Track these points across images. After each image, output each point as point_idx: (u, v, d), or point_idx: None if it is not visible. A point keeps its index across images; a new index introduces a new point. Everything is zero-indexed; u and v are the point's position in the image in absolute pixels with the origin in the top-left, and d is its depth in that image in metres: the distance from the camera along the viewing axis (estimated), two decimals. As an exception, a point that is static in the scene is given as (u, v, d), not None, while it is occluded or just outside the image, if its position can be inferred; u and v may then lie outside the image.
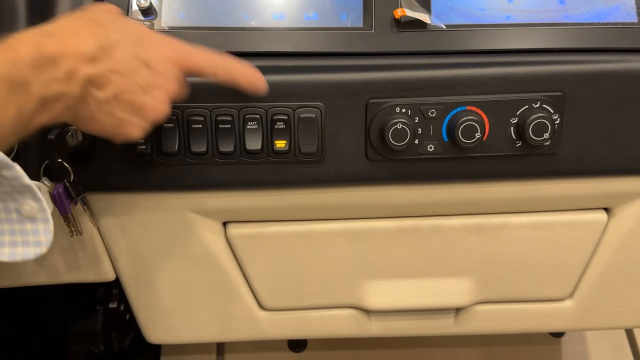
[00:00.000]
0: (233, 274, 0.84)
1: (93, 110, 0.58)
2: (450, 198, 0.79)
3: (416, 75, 0.72)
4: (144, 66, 0.60)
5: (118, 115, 0.60)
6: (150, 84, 0.60)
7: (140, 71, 0.59)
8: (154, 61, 0.60)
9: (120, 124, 0.61)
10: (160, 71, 0.61)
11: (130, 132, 0.62)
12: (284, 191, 0.77)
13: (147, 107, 0.61)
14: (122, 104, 0.59)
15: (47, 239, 0.57)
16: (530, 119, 0.71)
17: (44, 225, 0.56)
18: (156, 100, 0.61)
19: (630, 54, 0.73)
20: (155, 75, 0.61)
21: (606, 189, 0.79)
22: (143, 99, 0.60)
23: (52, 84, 0.53)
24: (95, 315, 1.14)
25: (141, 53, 0.60)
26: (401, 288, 0.86)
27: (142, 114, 0.61)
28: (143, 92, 0.60)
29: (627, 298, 0.88)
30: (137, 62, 0.59)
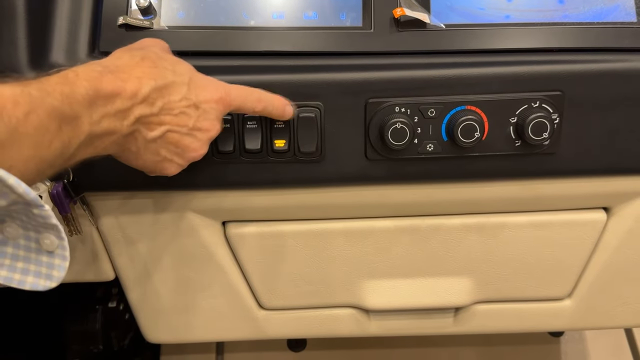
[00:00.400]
0: (232, 273, 0.84)
1: (140, 147, 0.59)
2: (450, 197, 0.79)
3: (415, 75, 0.72)
4: (194, 108, 0.60)
5: (162, 154, 0.61)
6: (197, 126, 0.61)
7: (190, 113, 0.60)
8: (203, 103, 0.61)
9: (161, 162, 0.62)
10: (208, 113, 0.62)
11: (169, 169, 0.63)
12: (283, 191, 0.77)
13: (190, 149, 0.62)
14: (168, 143, 0.60)
15: (59, 274, 0.57)
16: (530, 119, 0.71)
17: (60, 261, 0.56)
18: (199, 142, 0.62)
19: (630, 54, 0.73)
20: (202, 117, 0.61)
21: (605, 189, 0.79)
22: (188, 141, 0.61)
23: (104, 121, 0.53)
24: (95, 314, 1.14)
25: (192, 95, 0.60)
26: (400, 287, 0.86)
27: (184, 155, 0.62)
28: (188, 133, 0.61)
29: (626, 297, 0.88)
30: (187, 104, 0.60)
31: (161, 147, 0.60)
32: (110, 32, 0.73)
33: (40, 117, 0.47)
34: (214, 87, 0.63)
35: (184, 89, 0.60)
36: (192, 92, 0.60)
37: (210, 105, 0.62)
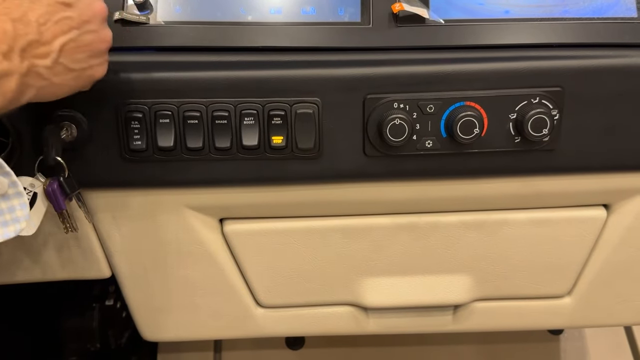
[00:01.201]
0: (230, 271, 0.84)
1: (48, 77, 0.57)
2: (449, 194, 0.78)
3: (414, 71, 0.71)
4: (66, 8, 0.57)
5: (74, 67, 0.58)
6: (82, 20, 0.58)
7: (65, 14, 0.57)
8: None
9: (81, 74, 0.59)
10: (82, 2, 0.58)
11: (95, 74, 0.61)
12: (280, 187, 0.77)
13: (94, 44, 0.59)
14: (71, 55, 0.57)
15: (24, 213, 0.56)
16: (529, 115, 0.70)
17: (18, 199, 0.55)
18: (96, 32, 0.59)
19: (630, 49, 0.73)
20: (80, 9, 0.58)
21: (605, 185, 0.78)
22: (86, 39, 0.58)
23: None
24: (92, 312, 1.13)
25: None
26: (399, 285, 0.85)
27: (94, 52, 0.60)
28: (81, 32, 0.58)
29: (626, 295, 0.88)
30: (57, 9, 0.57)
31: (68, 63, 0.58)
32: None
33: None
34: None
35: (44, 0, 0.56)
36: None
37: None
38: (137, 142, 0.71)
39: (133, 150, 0.71)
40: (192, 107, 0.70)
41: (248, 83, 0.71)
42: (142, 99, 0.70)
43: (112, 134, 0.71)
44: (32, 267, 0.82)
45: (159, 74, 0.70)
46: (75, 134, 0.70)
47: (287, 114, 0.71)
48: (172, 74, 0.70)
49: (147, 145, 0.71)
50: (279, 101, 0.71)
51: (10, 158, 0.70)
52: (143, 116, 0.70)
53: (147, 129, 0.71)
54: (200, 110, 0.71)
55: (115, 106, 0.70)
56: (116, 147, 0.72)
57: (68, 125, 0.70)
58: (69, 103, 0.69)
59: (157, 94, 0.70)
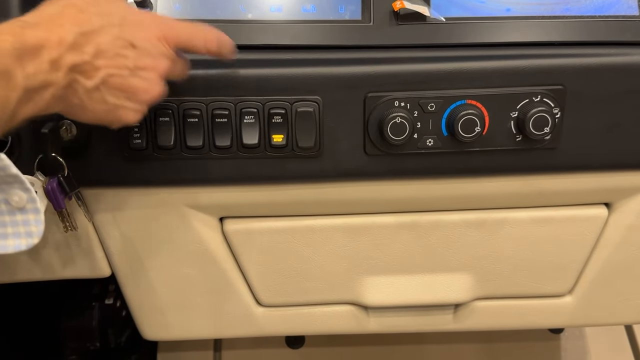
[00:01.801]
0: (230, 269, 0.83)
1: (83, 98, 0.57)
2: (450, 193, 0.78)
3: (415, 69, 0.71)
4: (130, 47, 0.58)
5: (110, 101, 0.58)
6: (139, 65, 0.59)
7: (126, 53, 0.58)
8: (140, 41, 0.59)
9: (113, 110, 0.59)
10: (147, 51, 0.59)
11: (125, 117, 0.61)
12: (281, 186, 0.77)
13: (138, 90, 0.59)
14: (112, 89, 0.58)
15: (38, 229, 0.56)
16: (531, 113, 0.70)
17: (34, 215, 0.55)
18: (147, 81, 0.60)
19: (632, 47, 0.73)
20: (142, 55, 0.59)
21: (607, 184, 0.78)
22: (133, 82, 0.59)
23: (36, 73, 0.52)
24: (91, 311, 1.13)
25: (125, 34, 0.58)
26: (400, 284, 0.85)
27: (135, 97, 0.60)
28: (132, 74, 0.58)
29: (627, 294, 0.87)
30: (121, 45, 0.57)
31: (106, 95, 0.58)
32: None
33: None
34: (152, 23, 0.60)
35: (115, 30, 0.57)
36: (125, 32, 0.58)
37: (149, 42, 0.59)
38: (136, 140, 0.71)
39: (133, 148, 0.71)
40: (192, 106, 0.70)
41: (248, 81, 0.70)
42: (142, 97, 0.70)
43: (111, 133, 0.70)
44: (32, 266, 0.82)
45: (159, 72, 0.70)
46: (75, 133, 0.70)
47: (287, 112, 0.71)
48: (172, 72, 0.70)
49: (146, 144, 0.71)
50: (279, 99, 0.71)
51: (10, 156, 0.70)
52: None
53: (147, 127, 0.70)
54: (200, 108, 0.70)
55: (115, 104, 0.70)
56: (116, 146, 0.72)
57: (67, 123, 0.70)
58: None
59: (157, 92, 0.70)
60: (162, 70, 0.61)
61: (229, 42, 0.67)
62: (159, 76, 0.61)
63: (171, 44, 0.61)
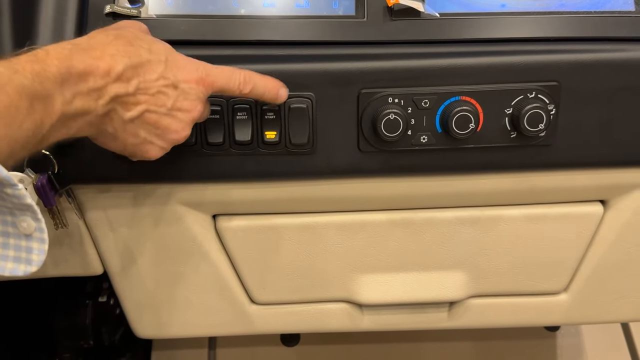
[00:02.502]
0: (223, 267, 0.83)
1: (117, 129, 0.58)
2: (444, 190, 0.78)
3: (409, 65, 0.71)
4: (172, 87, 0.59)
5: (141, 135, 0.59)
6: (176, 106, 0.60)
7: (168, 92, 0.59)
8: (182, 83, 0.60)
9: (141, 144, 0.60)
10: (187, 93, 0.60)
11: (150, 152, 0.62)
12: (274, 183, 0.76)
13: (170, 130, 0.60)
14: (147, 124, 0.59)
15: (39, 258, 0.56)
16: (525, 110, 0.70)
17: (38, 244, 0.55)
18: (180, 122, 0.61)
19: (628, 43, 0.72)
20: (182, 97, 0.60)
21: (602, 181, 0.78)
22: (168, 121, 0.60)
23: (77, 100, 0.52)
24: (85, 309, 1.13)
25: (169, 74, 0.59)
26: (394, 282, 0.85)
27: (165, 136, 0.61)
28: (168, 114, 0.59)
29: (623, 292, 0.87)
30: (165, 83, 0.58)
31: (140, 128, 0.59)
32: (97, 21, 0.71)
33: (9, 95, 0.46)
34: (193, 67, 0.61)
35: (161, 68, 0.58)
36: (169, 71, 0.59)
37: (189, 85, 0.60)
38: (128, 137, 0.70)
39: (124, 145, 0.71)
40: (184, 102, 0.70)
41: (241, 77, 0.70)
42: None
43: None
44: (22, 263, 0.81)
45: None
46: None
47: (280, 109, 0.70)
48: (164, 68, 0.69)
49: (138, 141, 0.70)
50: (272, 96, 0.70)
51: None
52: (134, 111, 0.69)
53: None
54: (192, 104, 0.70)
55: (106, 101, 0.69)
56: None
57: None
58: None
59: (148, 89, 0.69)
60: (196, 115, 0.62)
61: (274, 87, 0.67)
62: (192, 119, 0.62)
63: (208, 88, 0.62)
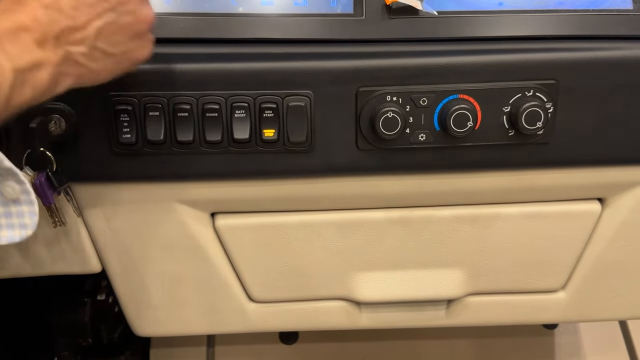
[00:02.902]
0: (221, 265, 0.83)
1: (87, 64, 0.55)
2: (442, 188, 0.78)
3: (407, 63, 0.71)
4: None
5: (114, 51, 0.57)
6: (118, 1, 0.56)
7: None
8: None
9: (122, 57, 0.58)
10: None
11: (138, 56, 0.59)
12: (272, 181, 0.76)
13: (133, 25, 0.57)
14: (109, 38, 0.56)
15: (32, 221, 0.55)
16: (523, 108, 0.70)
17: (28, 207, 0.55)
18: (135, 11, 0.57)
19: (625, 41, 0.73)
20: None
21: (600, 179, 0.78)
22: (123, 21, 0.56)
23: (22, 54, 0.50)
24: (83, 307, 1.12)
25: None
26: (392, 279, 0.85)
27: (135, 34, 0.58)
28: (118, 15, 0.56)
29: (620, 290, 0.87)
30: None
31: (107, 48, 0.56)
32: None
33: None
34: None
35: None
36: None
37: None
38: (126, 135, 0.70)
39: (122, 143, 0.71)
40: (182, 100, 0.70)
41: (239, 75, 0.70)
42: (132, 91, 0.69)
43: (101, 127, 0.71)
44: (21, 261, 0.82)
45: (149, 66, 0.69)
46: (64, 127, 0.69)
47: (278, 107, 0.70)
48: (162, 66, 0.70)
49: (136, 139, 0.71)
50: (270, 94, 0.70)
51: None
52: (132, 109, 0.69)
53: (137, 122, 0.70)
54: (191, 103, 0.70)
55: (104, 99, 0.69)
56: (105, 141, 0.71)
57: (56, 118, 0.69)
58: (58, 96, 0.68)
59: (146, 87, 0.69)
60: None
61: None
62: (141, 0, 0.59)
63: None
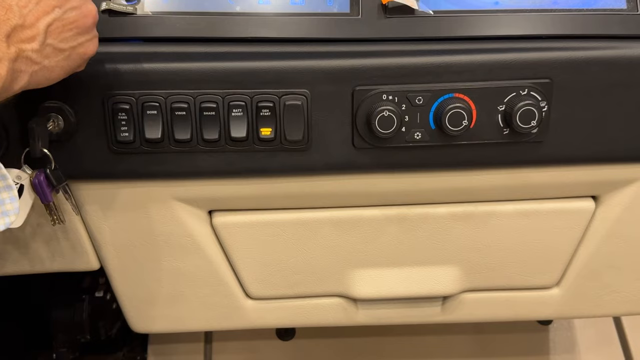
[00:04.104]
0: (219, 262, 0.84)
1: (39, 61, 0.56)
2: (437, 186, 0.78)
3: (403, 62, 0.71)
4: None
5: (64, 47, 0.58)
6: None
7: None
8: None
9: (71, 53, 0.59)
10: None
11: (86, 52, 0.60)
12: (269, 179, 0.77)
13: (79, 20, 0.58)
14: (58, 35, 0.57)
15: (13, 206, 0.55)
16: (518, 107, 0.70)
17: (8, 193, 0.54)
18: (79, 7, 0.58)
19: (619, 41, 0.73)
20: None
21: (594, 177, 0.79)
22: (69, 16, 0.58)
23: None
24: (82, 304, 1.13)
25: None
26: (388, 276, 0.85)
27: (81, 29, 0.59)
28: (64, 10, 0.57)
29: (614, 286, 0.88)
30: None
31: (57, 44, 0.57)
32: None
33: None
34: None
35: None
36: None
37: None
38: (124, 133, 0.71)
39: (120, 142, 0.71)
40: (179, 99, 0.70)
41: (236, 74, 0.70)
42: (129, 90, 0.70)
43: (99, 126, 0.71)
44: (19, 259, 0.82)
45: (147, 65, 0.70)
46: (62, 126, 0.70)
47: (275, 105, 0.71)
48: (160, 65, 0.70)
49: (134, 137, 0.71)
50: (267, 93, 0.71)
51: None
52: (130, 107, 0.70)
53: (135, 120, 0.70)
54: (188, 101, 0.70)
55: (102, 97, 0.70)
56: (103, 139, 0.71)
57: (55, 116, 0.69)
58: (56, 94, 0.68)
59: (144, 85, 0.70)
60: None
61: None
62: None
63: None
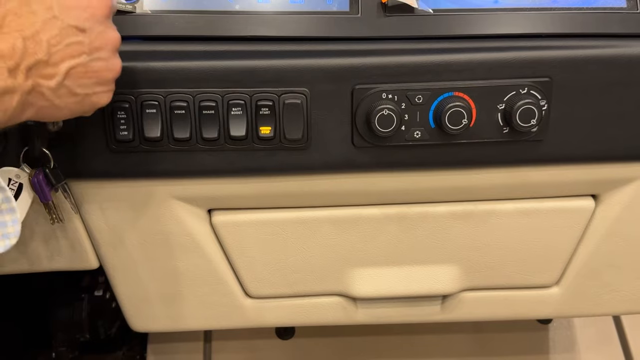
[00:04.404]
0: (218, 261, 0.83)
1: (52, 98, 0.56)
2: (437, 185, 0.78)
3: (403, 61, 0.71)
4: (79, 32, 0.57)
5: (79, 92, 0.58)
6: (93, 47, 0.58)
7: (78, 39, 0.57)
8: (85, 22, 0.57)
9: (84, 100, 0.59)
10: (95, 29, 0.58)
11: (98, 101, 0.61)
12: (269, 178, 0.77)
13: (102, 71, 0.59)
14: (77, 80, 0.57)
15: (15, 230, 0.55)
16: (518, 105, 0.70)
17: (10, 215, 0.54)
18: (107, 59, 0.59)
19: (619, 39, 0.73)
20: (93, 36, 0.58)
21: (593, 176, 0.79)
22: (95, 66, 0.58)
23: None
24: (81, 303, 1.13)
25: (69, 21, 0.56)
26: (388, 275, 0.85)
27: (102, 80, 0.59)
28: (91, 59, 0.58)
29: (614, 285, 0.88)
30: (70, 33, 0.56)
31: (73, 87, 0.57)
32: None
33: None
34: (85, 1, 0.58)
35: (58, 22, 0.55)
36: (68, 19, 0.56)
37: (93, 20, 0.58)
38: (123, 132, 0.70)
39: (119, 140, 0.71)
40: (179, 97, 0.70)
41: (235, 73, 0.70)
42: (129, 88, 0.69)
43: (98, 125, 0.71)
44: (18, 258, 0.82)
45: (146, 64, 0.70)
46: (61, 124, 0.69)
47: (275, 104, 0.71)
48: (159, 63, 0.70)
49: (133, 136, 0.71)
50: (266, 91, 0.70)
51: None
52: (129, 106, 0.70)
53: (134, 119, 0.70)
54: (187, 100, 0.70)
55: (102, 96, 0.70)
56: (102, 138, 0.71)
57: (54, 115, 0.69)
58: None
59: (143, 84, 0.70)
60: (115, 43, 0.60)
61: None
62: (114, 50, 0.60)
63: (106, 11, 0.60)
